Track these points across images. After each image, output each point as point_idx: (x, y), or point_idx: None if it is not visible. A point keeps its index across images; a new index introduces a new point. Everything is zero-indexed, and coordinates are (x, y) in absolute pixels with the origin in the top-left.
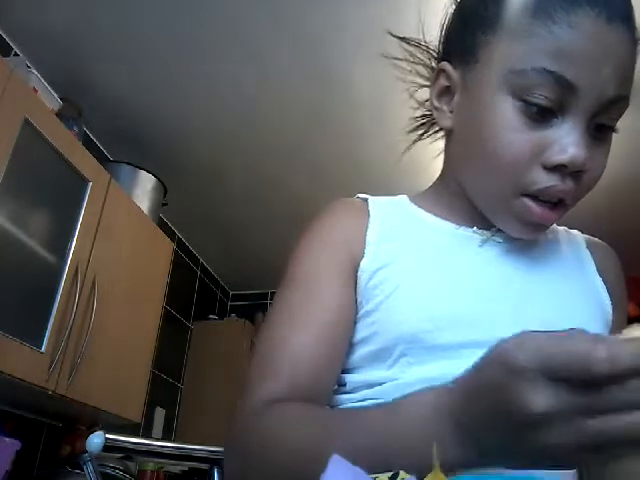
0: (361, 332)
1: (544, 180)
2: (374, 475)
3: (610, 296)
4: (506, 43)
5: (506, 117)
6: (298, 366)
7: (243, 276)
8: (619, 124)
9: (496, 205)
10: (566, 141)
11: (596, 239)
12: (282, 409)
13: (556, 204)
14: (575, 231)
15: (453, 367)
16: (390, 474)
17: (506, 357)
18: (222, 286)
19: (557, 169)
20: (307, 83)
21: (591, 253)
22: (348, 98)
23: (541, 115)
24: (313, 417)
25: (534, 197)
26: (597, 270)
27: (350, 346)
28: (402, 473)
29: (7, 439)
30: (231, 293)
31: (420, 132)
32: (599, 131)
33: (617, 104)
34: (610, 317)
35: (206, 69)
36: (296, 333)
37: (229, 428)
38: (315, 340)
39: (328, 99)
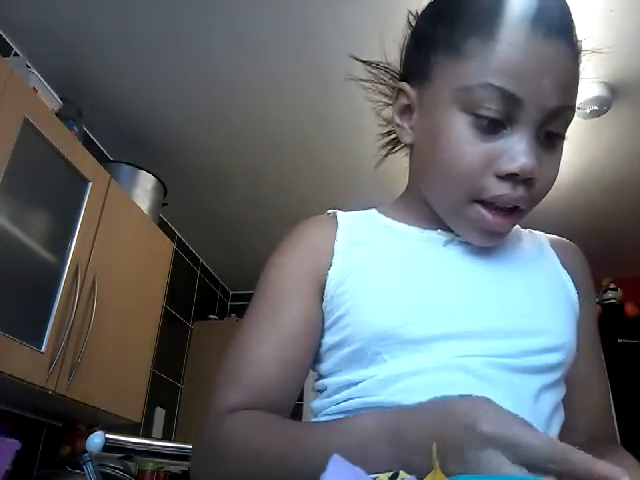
0: (334, 337)
1: (496, 188)
2: (374, 475)
3: (577, 290)
4: (454, 62)
5: (458, 131)
6: (259, 377)
7: (243, 276)
8: (626, 123)
9: (453, 214)
10: (515, 151)
11: (560, 237)
12: (238, 418)
13: (511, 210)
14: (538, 232)
15: (426, 360)
16: (390, 474)
17: (471, 423)
18: (222, 286)
19: (509, 177)
20: (307, 82)
21: (555, 250)
22: (349, 98)
23: (491, 127)
24: (264, 426)
25: (488, 204)
26: (562, 265)
27: (324, 353)
28: (402, 473)
29: (7, 439)
30: (231, 293)
31: (390, 147)
32: (549, 139)
33: (562, 113)
34: (577, 309)
35: (206, 69)
36: (260, 345)
37: (198, 434)
38: (278, 351)
39: (329, 99)
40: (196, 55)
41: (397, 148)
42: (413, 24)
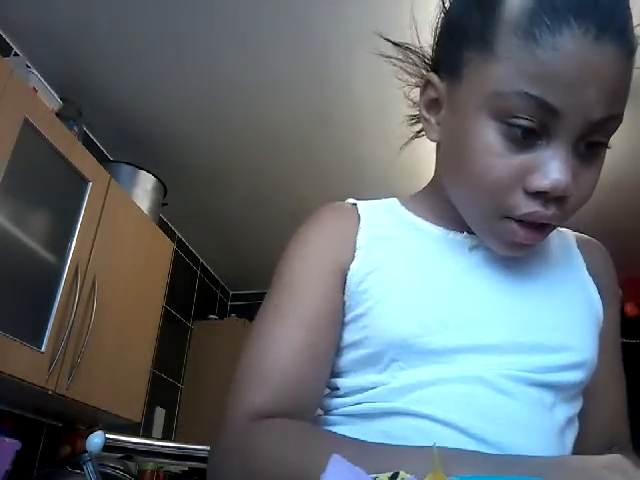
0: (351, 336)
1: (526, 206)
2: (374, 475)
3: (601, 295)
4: (488, 62)
5: (488, 141)
6: (286, 374)
7: (243, 276)
8: (626, 124)
9: (480, 223)
10: (548, 167)
11: (587, 237)
12: (270, 428)
13: (542, 225)
14: (565, 230)
15: (444, 371)
16: (390, 474)
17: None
18: (222, 286)
19: (539, 194)
20: (307, 82)
21: (581, 252)
22: (349, 97)
23: (524, 138)
24: (306, 440)
25: (518, 220)
26: (587, 269)
27: (341, 349)
28: (402, 473)
29: (7, 439)
30: (231, 293)
31: (417, 130)
32: (589, 148)
33: (607, 124)
34: (601, 317)
35: (206, 69)
36: (284, 339)
37: (216, 438)
38: (303, 346)
39: (328, 98)
40: (196, 55)
41: (423, 132)
42: (447, 5)
